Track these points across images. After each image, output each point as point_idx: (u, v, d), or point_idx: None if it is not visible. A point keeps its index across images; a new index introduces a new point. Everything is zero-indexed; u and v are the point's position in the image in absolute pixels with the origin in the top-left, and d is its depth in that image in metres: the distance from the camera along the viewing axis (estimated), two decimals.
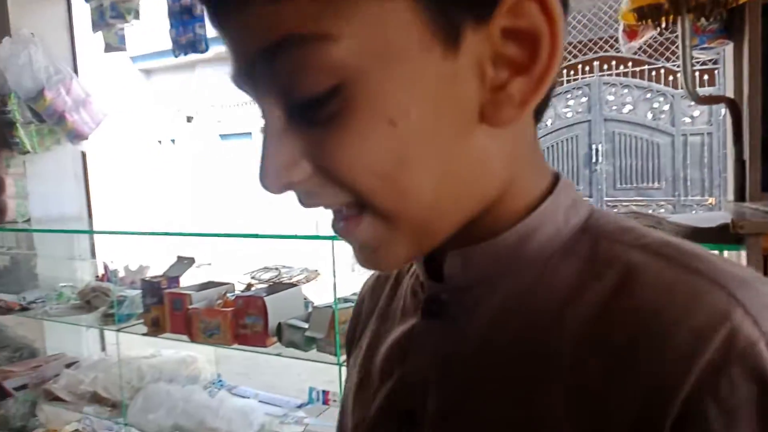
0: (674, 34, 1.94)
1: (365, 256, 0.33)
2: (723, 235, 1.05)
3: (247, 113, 10.01)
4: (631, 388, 0.27)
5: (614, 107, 6.72)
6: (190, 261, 2.06)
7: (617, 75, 6.71)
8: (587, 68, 6.68)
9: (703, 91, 6.12)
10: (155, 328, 1.93)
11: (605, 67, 6.72)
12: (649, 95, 6.49)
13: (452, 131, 0.30)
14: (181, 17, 2.33)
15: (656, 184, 6.53)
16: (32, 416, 2.37)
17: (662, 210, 6.48)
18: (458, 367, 0.34)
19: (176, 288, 1.95)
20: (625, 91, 6.62)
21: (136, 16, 2.27)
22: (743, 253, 1.02)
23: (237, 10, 0.28)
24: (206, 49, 2.37)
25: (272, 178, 0.30)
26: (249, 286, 1.96)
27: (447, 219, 0.32)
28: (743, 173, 1.31)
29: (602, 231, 0.33)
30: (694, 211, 6.27)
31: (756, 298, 0.27)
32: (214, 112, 10.24)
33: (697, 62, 1.62)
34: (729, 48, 1.48)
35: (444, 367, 0.34)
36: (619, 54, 6.48)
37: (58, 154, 2.24)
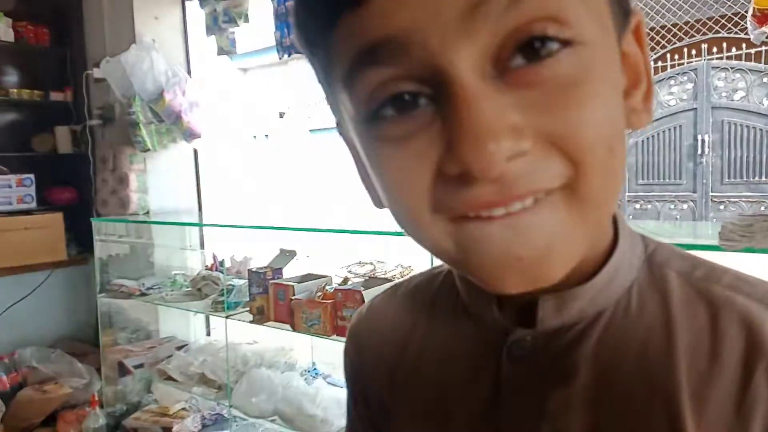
0: None
1: (531, 258, 0.27)
2: None
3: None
4: (757, 415, 0.29)
5: (724, 94, 6.17)
6: (292, 254, 2.15)
7: (728, 58, 6.16)
8: (693, 52, 6.18)
9: None
10: (260, 317, 2.03)
11: (714, 50, 6.18)
12: (765, 80, 5.90)
13: (623, 117, 0.30)
14: (286, 19, 2.42)
15: None
16: (147, 393, 2.58)
17: None
18: (571, 411, 0.32)
19: (280, 279, 2.04)
20: (737, 75, 6.06)
21: (246, 19, 2.36)
22: None
23: None
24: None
25: (494, 145, 0.25)
26: (345, 279, 2.01)
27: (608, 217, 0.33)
28: None
29: (670, 265, 0.34)
30: None
31: None
32: (305, 108, 10.60)
33: None
34: None
35: (554, 413, 0.33)
36: (730, 35, 5.94)
37: (174, 151, 2.42)
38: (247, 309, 2.09)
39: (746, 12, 1.42)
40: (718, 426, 0.29)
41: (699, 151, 6.25)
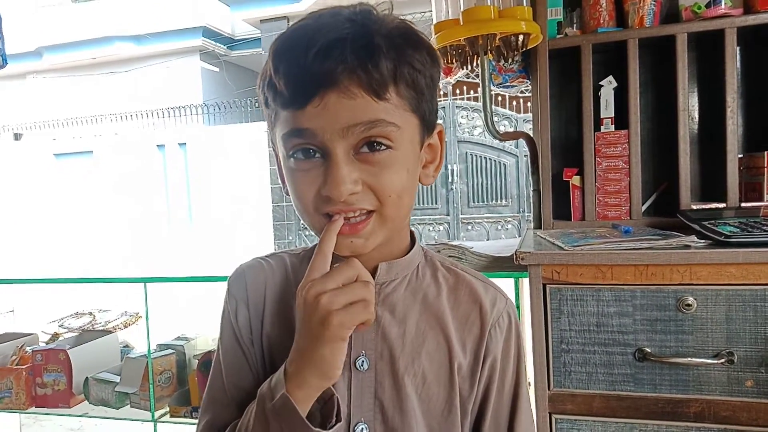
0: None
1: (357, 244, 0.55)
2: (516, 264, 1.12)
3: (87, 130, 9.06)
4: (474, 327, 0.63)
5: (466, 129, 7.18)
6: None
7: (468, 99, 7.20)
8: (441, 92, 7.08)
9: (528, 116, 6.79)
10: None
11: (458, 91, 7.18)
12: (496, 119, 7.04)
13: (415, 181, 0.59)
14: None
15: (504, 202, 7.08)
16: None
17: (510, 225, 7.03)
18: (392, 328, 0.61)
19: None
20: (475, 114, 7.12)
21: None
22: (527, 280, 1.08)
23: (348, 97, 0.52)
24: (4, 64, 2.08)
25: (344, 187, 0.52)
26: (55, 336, 1.72)
27: (402, 228, 0.63)
28: (539, 202, 1.42)
29: (435, 258, 0.67)
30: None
31: (502, 290, 0.67)
32: (49, 128, 9.16)
33: (522, 90, 1.84)
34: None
35: (384, 329, 0.61)
36: (468, 80, 6.95)
37: None
38: None
39: None
40: (466, 343, 0.62)
41: (450, 179, 7.14)
